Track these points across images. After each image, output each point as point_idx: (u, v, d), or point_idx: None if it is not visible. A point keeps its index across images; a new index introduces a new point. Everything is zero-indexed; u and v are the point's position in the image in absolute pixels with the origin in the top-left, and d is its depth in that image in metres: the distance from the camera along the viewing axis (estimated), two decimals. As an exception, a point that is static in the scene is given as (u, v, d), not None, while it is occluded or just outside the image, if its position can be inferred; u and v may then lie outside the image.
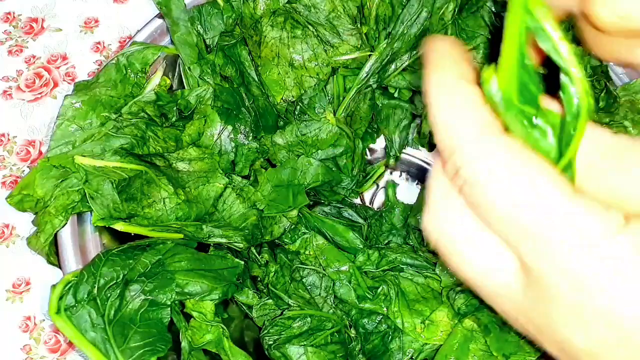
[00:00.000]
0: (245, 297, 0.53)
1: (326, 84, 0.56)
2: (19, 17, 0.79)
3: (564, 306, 0.18)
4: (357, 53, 0.55)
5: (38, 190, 0.46)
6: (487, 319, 0.48)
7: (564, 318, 0.18)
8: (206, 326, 0.46)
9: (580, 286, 0.17)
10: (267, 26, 0.54)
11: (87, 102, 0.49)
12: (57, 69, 0.76)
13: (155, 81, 0.53)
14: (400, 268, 0.55)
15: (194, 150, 0.54)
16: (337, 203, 0.63)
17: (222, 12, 0.54)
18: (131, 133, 0.49)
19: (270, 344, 0.50)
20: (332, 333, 0.52)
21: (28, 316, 0.63)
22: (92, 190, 0.45)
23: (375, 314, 0.53)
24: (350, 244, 0.57)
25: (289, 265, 0.55)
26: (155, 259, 0.45)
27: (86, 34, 0.78)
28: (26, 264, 0.65)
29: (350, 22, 0.55)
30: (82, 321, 0.40)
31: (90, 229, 0.48)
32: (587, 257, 0.17)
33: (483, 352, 0.48)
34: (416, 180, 0.69)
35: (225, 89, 0.55)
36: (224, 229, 0.51)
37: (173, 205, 0.49)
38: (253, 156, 0.57)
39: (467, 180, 0.18)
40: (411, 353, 0.51)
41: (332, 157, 0.58)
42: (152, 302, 0.43)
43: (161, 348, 0.41)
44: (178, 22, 0.53)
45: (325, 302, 0.54)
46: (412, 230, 0.58)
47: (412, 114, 0.64)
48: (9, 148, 0.71)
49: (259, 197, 0.54)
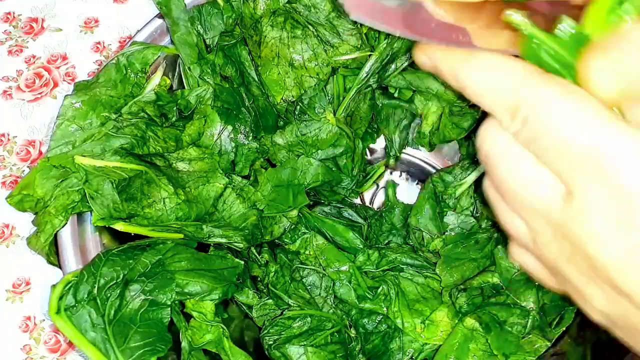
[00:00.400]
0: (245, 297, 0.53)
1: (326, 84, 0.56)
2: (19, 17, 0.79)
3: (604, 218, 0.21)
4: (357, 53, 0.55)
5: (38, 190, 0.46)
6: (489, 317, 0.48)
7: (600, 230, 0.21)
8: (206, 326, 0.46)
9: (625, 198, 0.20)
10: (267, 26, 0.54)
11: (87, 102, 0.49)
12: (57, 69, 0.76)
13: (155, 81, 0.53)
14: (400, 268, 0.55)
15: (194, 150, 0.54)
16: (337, 203, 0.63)
17: (222, 12, 0.54)
18: (131, 133, 0.49)
19: (270, 344, 0.50)
20: (332, 333, 0.52)
21: (28, 316, 0.63)
22: (92, 190, 0.45)
23: (375, 314, 0.53)
24: (350, 244, 0.57)
25: (289, 265, 0.55)
26: (155, 259, 0.45)
27: (86, 34, 0.78)
28: (26, 264, 0.65)
29: (350, 22, 0.55)
30: (82, 321, 0.40)
31: (90, 229, 0.48)
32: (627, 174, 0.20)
33: (483, 352, 0.48)
34: (416, 180, 0.69)
35: (225, 89, 0.55)
36: (224, 229, 0.51)
37: (173, 205, 0.49)
38: (253, 156, 0.57)
39: (528, 117, 0.22)
40: (411, 353, 0.51)
41: (332, 157, 0.58)
42: (152, 302, 0.43)
43: (161, 348, 0.41)
44: (178, 22, 0.53)
45: (325, 302, 0.54)
46: (412, 230, 0.58)
47: (412, 114, 0.64)
48: (9, 148, 0.71)
49: (259, 197, 0.54)
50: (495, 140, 0.24)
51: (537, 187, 0.23)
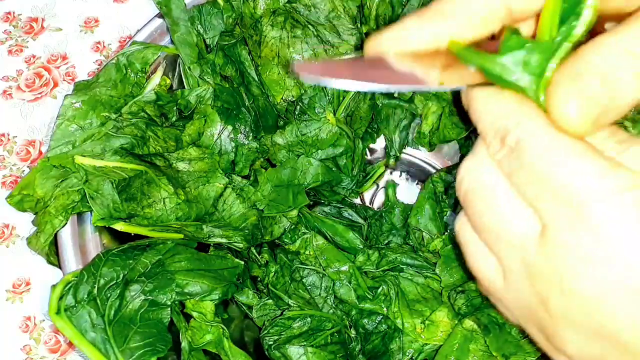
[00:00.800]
0: (245, 297, 0.53)
1: (326, 84, 0.56)
2: (19, 17, 0.79)
3: (576, 257, 0.20)
4: (357, 53, 0.55)
5: (38, 190, 0.46)
6: (487, 319, 0.48)
7: (573, 266, 0.21)
8: (206, 326, 0.46)
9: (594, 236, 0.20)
10: (267, 26, 0.54)
11: (87, 102, 0.49)
12: (57, 69, 0.76)
13: (155, 81, 0.53)
14: (400, 268, 0.54)
15: (194, 150, 0.53)
16: (337, 203, 0.63)
17: (222, 12, 0.54)
18: (131, 133, 0.49)
19: (270, 344, 0.50)
20: (332, 333, 0.52)
21: (28, 316, 0.63)
22: (92, 190, 0.45)
23: (375, 314, 0.53)
24: (350, 244, 0.57)
25: (289, 265, 0.55)
26: (155, 259, 0.45)
27: (86, 34, 0.78)
28: (26, 264, 0.65)
29: (350, 22, 0.55)
30: (82, 321, 0.40)
31: (90, 229, 0.48)
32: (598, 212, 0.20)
33: (483, 353, 0.48)
34: (416, 180, 0.69)
35: (225, 89, 0.55)
36: (224, 229, 0.51)
37: (173, 205, 0.49)
38: (253, 156, 0.57)
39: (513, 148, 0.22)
40: (411, 353, 0.51)
41: (332, 157, 0.58)
42: (152, 302, 0.43)
43: (161, 348, 0.41)
44: (178, 22, 0.53)
45: (325, 302, 0.54)
46: (412, 230, 0.58)
47: (412, 114, 0.64)
48: (9, 148, 0.71)
49: (259, 197, 0.54)
50: (478, 174, 0.24)
51: (515, 222, 0.23)
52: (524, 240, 0.23)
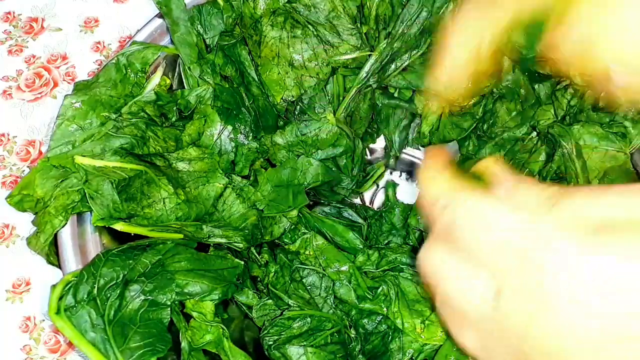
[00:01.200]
0: (245, 297, 0.53)
1: (326, 83, 0.56)
2: (19, 17, 0.79)
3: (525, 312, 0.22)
4: (357, 53, 0.55)
5: (38, 190, 0.46)
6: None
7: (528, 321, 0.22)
8: (206, 326, 0.46)
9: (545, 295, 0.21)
10: (267, 26, 0.54)
11: (87, 102, 0.49)
12: (57, 69, 0.76)
13: (155, 81, 0.53)
14: (400, 268, 0.54)
15: (194, 150, 0.53)
16: (337, 203, 0.63)
17: (222, 12, 0.54)
18: (131, 133, 0.49)
19: (270, 344, 0.50)
20: (332, 333, 0.52)
21: (28, 316, 0.63)
22: (92, 190, 0.45)
23: (375, 314, 0.53)
24: (350, 244, 0.57)
25: (288, 265, 0.55)
26: (155, 259, 0.45)
27: (86, 34, 0.78)
28: (26, 264, 0.65)
29: (350, 22, 0.55)
30: (82, 321, 0.40)
31: (90, 229, 0.48)
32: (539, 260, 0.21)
33: (483, 353, 0.47)
34: (416, 180, 0.69)
35: (225, 89, 0.55)
36: (224, 229, 0.51)
37: (173, 205, 0.49)
38: (253, 156, 0.57)
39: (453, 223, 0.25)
40: (411, 353, 0.51)
41: (332, 157, 0.58)
42: (152, 302, 0.43)
43: (161, 348, 0.41)
44: (178, 22, 0.53)
45: (325, 303, 0.54)
46: (412, 230, 0.58)
47: (412, 114, 0.64)
48: (9, 148, 0.71)
49: (259, 197, 0.54)
50: (432, 257, 0.27)
51: (473, 291, 0.24)
52: (484, 307, 0.23)
